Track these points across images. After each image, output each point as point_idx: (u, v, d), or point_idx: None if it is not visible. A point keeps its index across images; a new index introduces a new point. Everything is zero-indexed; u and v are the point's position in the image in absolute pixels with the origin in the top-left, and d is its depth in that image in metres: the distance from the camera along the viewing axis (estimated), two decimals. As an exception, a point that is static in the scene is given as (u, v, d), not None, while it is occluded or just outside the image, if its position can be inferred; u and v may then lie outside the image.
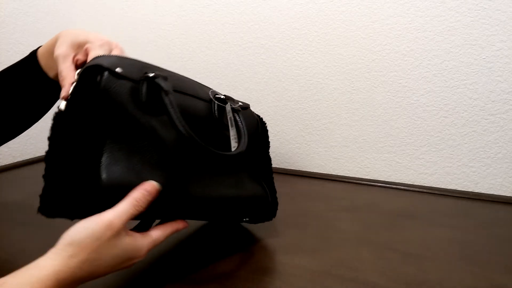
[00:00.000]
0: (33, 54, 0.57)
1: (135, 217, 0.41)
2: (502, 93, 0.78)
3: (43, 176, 0.42)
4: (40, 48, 0.57)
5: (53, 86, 0.56)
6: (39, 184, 0.43)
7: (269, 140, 0.65)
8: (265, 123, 0.63)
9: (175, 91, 0.48)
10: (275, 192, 0.62)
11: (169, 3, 1.07)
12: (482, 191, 0.82)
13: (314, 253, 0.55)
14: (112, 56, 0.47)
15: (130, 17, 1.14)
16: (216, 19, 1.02)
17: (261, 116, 0.63)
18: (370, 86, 0.89)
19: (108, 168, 0.41)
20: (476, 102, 0.80)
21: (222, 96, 0.55)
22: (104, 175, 0.40)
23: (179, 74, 0.53)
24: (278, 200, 0.63)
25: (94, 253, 0.37)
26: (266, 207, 0.60)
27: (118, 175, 0.41)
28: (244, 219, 0.59)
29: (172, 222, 0.47)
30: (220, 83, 1.05)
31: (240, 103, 0.59)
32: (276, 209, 0.62)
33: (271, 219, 0.62)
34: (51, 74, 0.55)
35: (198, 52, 1.05)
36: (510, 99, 0.78)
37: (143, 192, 0.40)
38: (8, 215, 0.68)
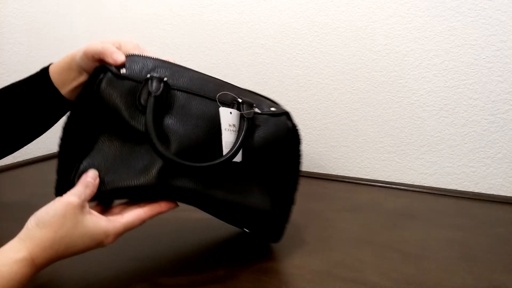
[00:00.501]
0: (45, 70, 0.58)
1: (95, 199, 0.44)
2: (502, 93, 0.78)
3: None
4: (52, 65, 0.58)
5: (63, 101, 0.57)
6: (39, 184, 0.44)
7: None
8: (299, 136, 0.55)
9: (182, 90, 0.48)
10: (288, 214, 0.55)
11: (169, 3, 1.07)
12: (482, 191, 0.82)
13: (314, 253, 0.55)
14: (130, 56, 0.48)
15: (130, 17, 1.14)
16: (216, 19, 1.02)
17: (297, 127, 0.56)
18: (370, 86, 0.89)
19: (90, 163, 0.44)
20: (476, 102, 0.80)
21: (239, 100, 0.50)
22: (82, 167, 0.44)
23: (200, 73, 0.52)
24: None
25: (61, 231, 0.39)
26: (269, 226, 0.53)
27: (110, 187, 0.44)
28: (244, 229, 0.57)
29: (154, 204, 0.46)
30: (220, 83, 1.05)
31: (271, 109, 0.53)
32: (282, 232, 0.55)
33: (275, 241, 0.56)
34: (63, 90, 0.56)
35: (198, 52, 1.05)
36: (510, 99, 0.78)
37: (88, 179, 0.43)
38: (8, 215, 0.68)
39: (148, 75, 0.46)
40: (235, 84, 0.54)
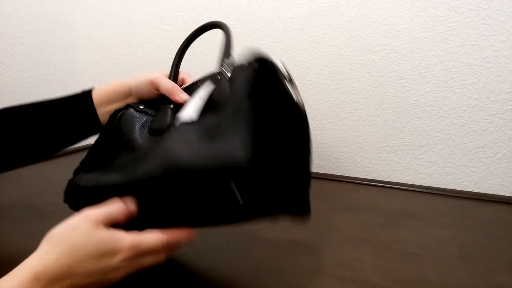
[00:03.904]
0: (88, 91, 0.59)
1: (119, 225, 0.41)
2: (502, 93, 0.78)
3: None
4: (96, 88, 0.59)
5: (95, 124, 0.59)
6: (39, 184, 0.43)
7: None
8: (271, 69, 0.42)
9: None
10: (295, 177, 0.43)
11: (169, 3, 1.08)
12: (482, 191, 0.83)
13: (314, 253, 0.55)
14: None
15: (130, 17, 1.14)
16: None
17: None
18: (370, 86, 0.89)
19: (87, 177, 0.48)
20: (476, 102, 0.80)
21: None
22: (79, 180, 0.47)
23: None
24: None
25: (69, 243, 0.37)
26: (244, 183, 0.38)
27: (90, 184, 0.47)
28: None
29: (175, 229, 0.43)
30: (220, 83, 1.05)
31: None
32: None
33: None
34: (101, 110, 0.59)
35: (198, 53, 1.05)
36: (509, 99, 0.78)
37: (124, 207, 0.42)
38: (9, 214, 0.68)
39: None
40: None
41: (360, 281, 0.48)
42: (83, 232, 0.38)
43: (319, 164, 0.98)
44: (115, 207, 0.41)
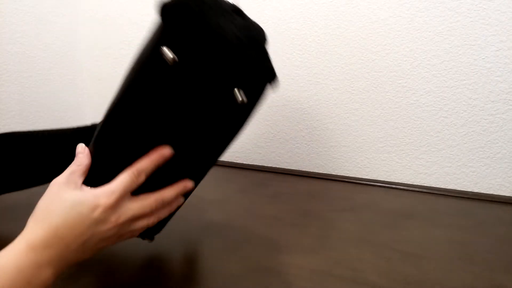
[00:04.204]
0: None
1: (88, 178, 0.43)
2: (502, 93, 0.78)
3: None
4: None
5: None
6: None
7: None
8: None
9: None
10: None
11: (169, 3, 1.07)
12: (482, 191, 0.83)
13: (314, 253, 0.55)
14: None
15: (130, 17, 1.14)
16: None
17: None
18: (370, 86, 0.89)
19: None
20: (476, 102, 0.80)
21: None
22: None
23: None
24: (279, 199, 0.62)
25: (48, 211, 0.39)
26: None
27: None
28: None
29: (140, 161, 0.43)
30: (220, 83, 1.05)
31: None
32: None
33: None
34: None
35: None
36: (509, 99, 0.78)
37: (77, 154, 0.44)
38: (9, 214, 0.68)
39: None
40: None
41: (360, 281, 0.48)
42: (55, 197, 0.40)
43: (319, 164, 0.98)
44: (73, 162, 0.43)
